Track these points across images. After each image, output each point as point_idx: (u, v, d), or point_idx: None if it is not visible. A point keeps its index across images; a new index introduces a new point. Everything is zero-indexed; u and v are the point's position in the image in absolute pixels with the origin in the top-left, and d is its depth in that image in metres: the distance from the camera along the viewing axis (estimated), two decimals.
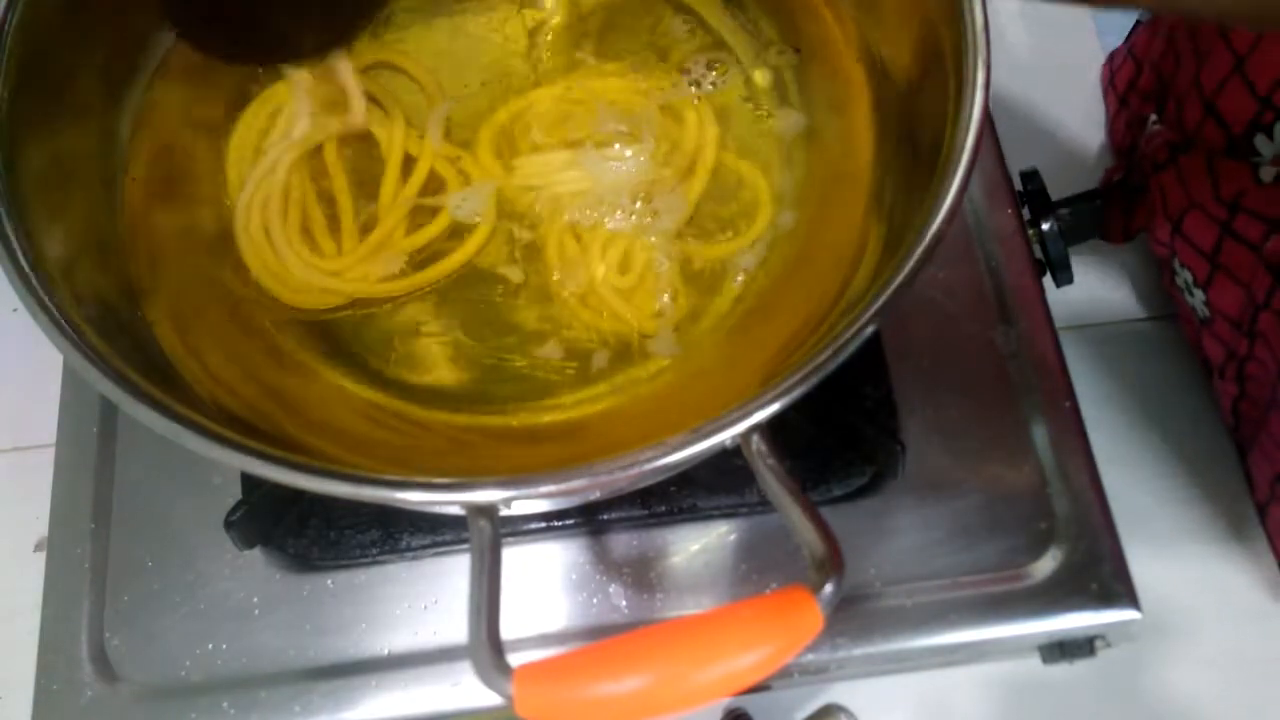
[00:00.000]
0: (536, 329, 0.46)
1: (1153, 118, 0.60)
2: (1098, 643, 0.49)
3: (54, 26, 0.44)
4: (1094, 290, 0.61)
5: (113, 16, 0.48)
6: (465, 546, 0.48)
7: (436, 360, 0.46)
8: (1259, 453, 0.54)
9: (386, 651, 0.48)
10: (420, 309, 0.47)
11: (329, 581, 0.49)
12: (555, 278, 0.47)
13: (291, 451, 0.35)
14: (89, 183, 0.47)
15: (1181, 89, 0.54)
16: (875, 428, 0.50)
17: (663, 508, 0.50)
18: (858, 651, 0.47)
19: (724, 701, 0.52)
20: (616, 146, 0.48)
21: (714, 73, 0.50)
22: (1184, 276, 0.56)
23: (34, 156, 0.42)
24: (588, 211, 0.47)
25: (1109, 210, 0.60)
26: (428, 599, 0.49)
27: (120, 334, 0.42)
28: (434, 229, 0.48)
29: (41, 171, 0.43)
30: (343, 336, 0.46)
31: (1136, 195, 0.59)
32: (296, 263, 0.47)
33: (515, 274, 0.47)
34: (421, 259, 0.47)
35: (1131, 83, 0.62)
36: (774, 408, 0.34)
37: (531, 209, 0.48)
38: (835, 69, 0.50)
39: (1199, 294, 0.55)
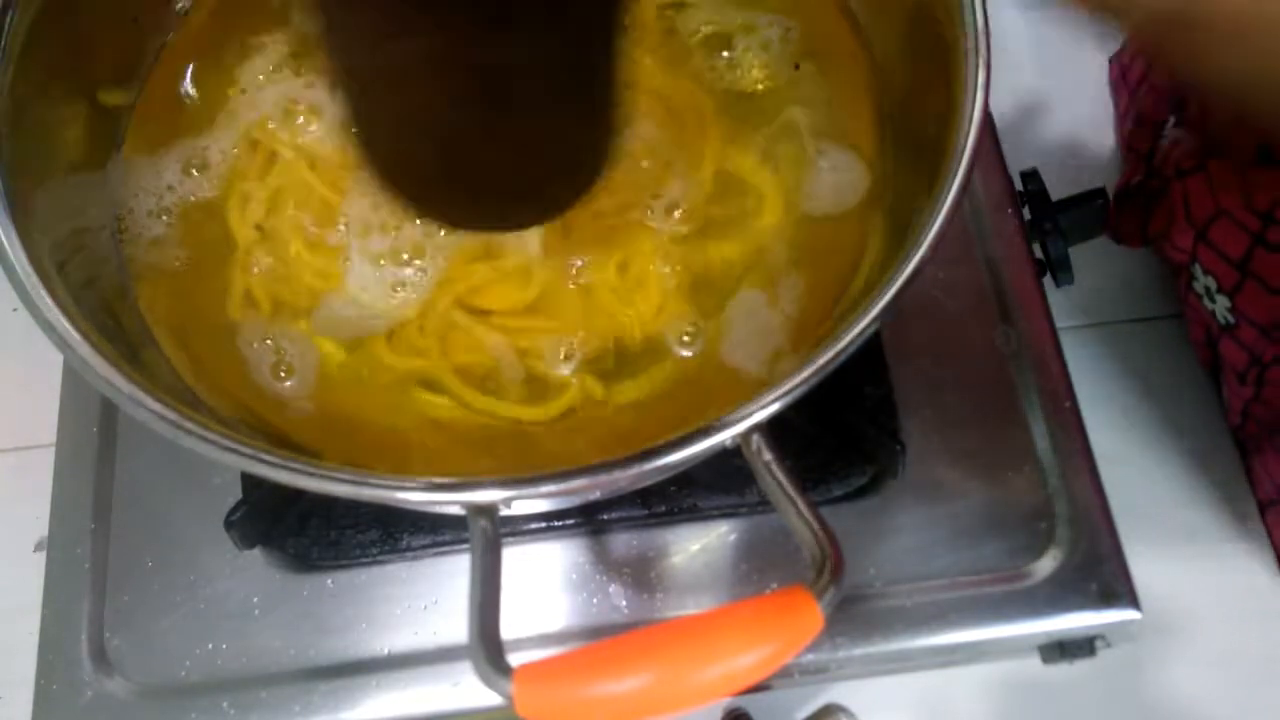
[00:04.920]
0: (536, 329, 0.46)
1: (1170, 121, 0.59)
2: (1098, 643, 0.49)
3: (55, 21, 0.44)
4: (1094, 290, 0.61)
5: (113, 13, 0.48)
6: (465, 546, 0.48)
7: (434, 359, 0.46)
8: (1270, 455, 0.54)
9: (386, 651, 0.48)
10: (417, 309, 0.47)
11: (329, 581, 0.49)
12: (554, 278, 0.47)
13: (291, 452, 0.35)
14: (89, 182, 0.47)
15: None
16: (875, 428, 0.50)
17: (663, 508, 0.50)
18: (858, 651, 0.47)
19: (724, 701, 0.52)
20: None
21: (715, 72, 0.50)
22: (1204, 283, 0.55)
23: (34, 154, 0.42)
24: (587, 211, 0.47)
25: (1125, 213, 0.59)
26: (428, 599, 0.49)
27: (120, 335, 0.42)
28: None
29: (41, 169, 0.43)
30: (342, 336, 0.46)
31: (1154, 199, 0.58)
32: (296, 262, 0.47)
33: (514, 273, 0.47)
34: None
35: (1144, 78, 0.61)
36: (774, 408, 0.34)
37: None
38: (837, 69, 0.50)
39: (1222, 300, 0.54)
